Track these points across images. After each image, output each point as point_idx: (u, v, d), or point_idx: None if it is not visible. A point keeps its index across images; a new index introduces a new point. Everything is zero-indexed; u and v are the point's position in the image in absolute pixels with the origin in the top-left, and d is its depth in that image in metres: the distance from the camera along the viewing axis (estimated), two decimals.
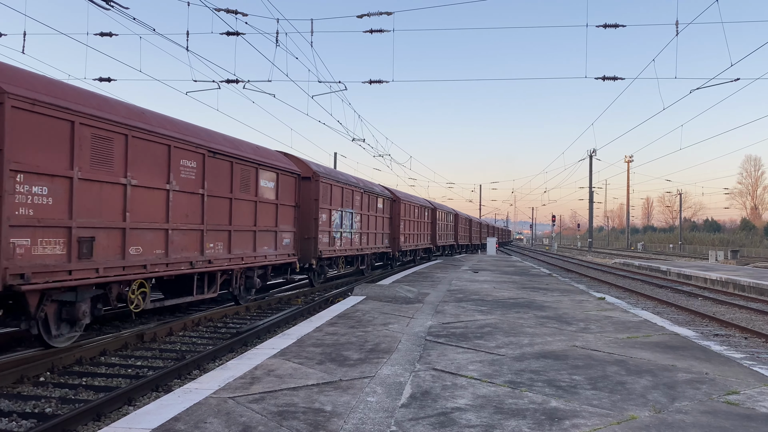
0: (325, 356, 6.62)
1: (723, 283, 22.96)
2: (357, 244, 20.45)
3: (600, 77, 17.60)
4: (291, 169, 15.00)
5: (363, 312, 10.25)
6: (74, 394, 6.75)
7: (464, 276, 19.63)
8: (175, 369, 7.55)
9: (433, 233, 35.60)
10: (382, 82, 18.43)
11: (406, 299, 12.13)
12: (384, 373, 5.91)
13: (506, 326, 8.94)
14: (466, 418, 4.50)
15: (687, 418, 4.59)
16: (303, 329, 8.36)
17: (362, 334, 8.04)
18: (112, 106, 8.97)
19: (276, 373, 5.82)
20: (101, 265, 8.41)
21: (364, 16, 15.29)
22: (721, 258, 52.18)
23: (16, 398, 6.51)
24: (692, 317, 14.81)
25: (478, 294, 13.68)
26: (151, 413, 4.50)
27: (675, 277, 28.02)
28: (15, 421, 5.78)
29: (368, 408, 4.72)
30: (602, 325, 9.22)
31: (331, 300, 14.90)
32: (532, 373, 5.98)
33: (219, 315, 12.18)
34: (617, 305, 12.15)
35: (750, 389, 5.52)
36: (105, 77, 16.68)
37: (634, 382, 5.70)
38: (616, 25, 15.73)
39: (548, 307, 11.46)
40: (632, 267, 36.54)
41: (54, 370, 7.61)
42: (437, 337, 7.91)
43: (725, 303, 17.68)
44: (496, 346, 7.36)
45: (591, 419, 4.52)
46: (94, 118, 8.31)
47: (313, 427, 4.24)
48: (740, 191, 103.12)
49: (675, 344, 7.77)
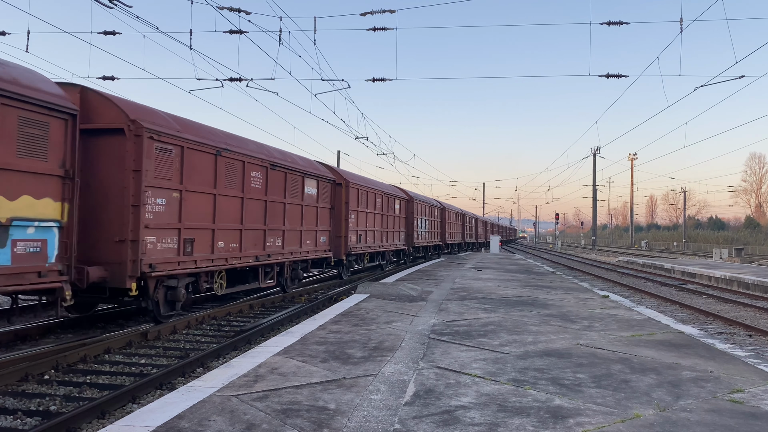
0: (329, 354, 6.62)
1: (727, 281, 22.89)
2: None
3: (604, 75, 17.53)
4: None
5: (366, 310, 10.25)
6: (79, 392, 6.77)
7: (468, 274, 19.61)
8: (179, 367, 7.56)
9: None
10: (386, 80, 18.41)
11: (409, 297, 12.13)
12: (387, 371, 5.91)
13: (510, 324, 8.93)
14: (469, 417, 4.50)
15: (692, 417, 4.57)
16: (306, 327, 8.37)
17: (366, 332, 8.05)
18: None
19: (280, 371, 5.82)
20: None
21: (367, 14, 15.27)
22: (726, 256, 52.03)
23: (21, 396, 6.53)
24: (696, 315, 14.77)
25: (482, 292, 13.67)
26: (155, 411, 4.51)
27: (679, 275, 27.96)
28: (20, 419, 5.80)
29: (372, 406, 4.72)
30: (606, 323, 9.20)
31: (335, 298, 14.90)
32: (536, 372, 5.97)
33: (223, 313, 12.21)
34: (621, 303, 12.12)
35: (755, 387, 5.51)
36: (109, 76, 16.71)
37: (639, 380, 5.68)
38: (620, 22, 15.67)
39: (552, 305, 11.45)
40: (636, 265, 36.46)
41: (58, 369, 7.64)
42: (441, 335, 7.91)
43: (730, 301, 17.62)
44: (500, 344, 7.35)
45: (595, 417, 4.52)
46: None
47: (317, 425, 4.24)
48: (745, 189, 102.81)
49: (679, 342, 7.75)
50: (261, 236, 13.20)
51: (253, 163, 12.74)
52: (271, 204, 13.61)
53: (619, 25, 15.70)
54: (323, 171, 17.43)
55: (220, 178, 11.38)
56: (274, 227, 13.83)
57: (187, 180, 10.39)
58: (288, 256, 14.62)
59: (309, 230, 16.01)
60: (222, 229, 11.49)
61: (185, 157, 10.32)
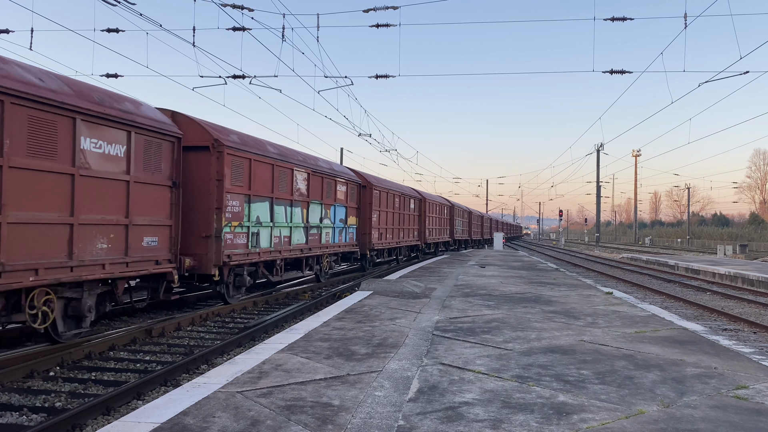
0: (333, 351, 6.63)
1: (732, 277, 22.84)
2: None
3: (608, 71, 17.48)
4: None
5: (370, 307, 10.26)
6: (84, 389, 6.80)
7: (471, 271, 19.61)
8: (184, 364, 7.59)
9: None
10: (389, 77, 18.38)
11: (413, 294, 12.13)
12: (391, 367, 5.92)
13: (513, 321, 8.93)
14: (473, 413, 4.50)
15: (696, 413, 4.57)
16: (310, 324, 8.38)
17: (369, 329, 8.05)
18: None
19: (284, 367, 5.83)
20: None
21: (370, 11, 15.25)
22: (730, 252, 51.87)
23: (27, 392, 6.56)
24: (701, 312, 14.74)
25: (486, 289, 13.66)
26: (159, 407, 4.52)
27: (683, 271, 27.90)
28: (25, 415, 5.84)
29: (376, 402, 4.73)
30: (610, 320, 9.19)
31: (339, 295, 14.92)
32: (540, 368, 5.97)
33: (227, 310, 12.24)
34: (625, 300, 12.10)
35: (759, 384, 5.50)
36: (112, 73, 16.74)
37: (643, 376, 5.68)
38: (624, 18, 15.60)
39: (556, 301, 11.44)
40: (640, 262, 36.39)
41: (64, 365, 7.67)
42: (444, 332, 7.91)
43: (734, 297, 17.58)
44: (504, 341, 7.35)
45: (599, 414, 4.51)
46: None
47: (321, 421, 4.25)
48: (749, 185, 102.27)
49: (683, 339, 7.73)
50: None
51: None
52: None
53: (623, 21, 15.63)
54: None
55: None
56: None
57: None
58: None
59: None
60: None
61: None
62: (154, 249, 9.66)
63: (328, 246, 17.35)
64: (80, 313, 8.25)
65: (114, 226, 8.74)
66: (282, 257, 14.17)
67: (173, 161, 10.17)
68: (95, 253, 8.35)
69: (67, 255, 7.80)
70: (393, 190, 24.09)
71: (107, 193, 8.61)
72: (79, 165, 7.99)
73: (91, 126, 8.24)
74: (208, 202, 11.26)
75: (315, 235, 16.22)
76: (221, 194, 11.33)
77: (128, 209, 9.00)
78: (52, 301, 7.73)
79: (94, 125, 8.30)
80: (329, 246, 17.41)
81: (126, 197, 8.98)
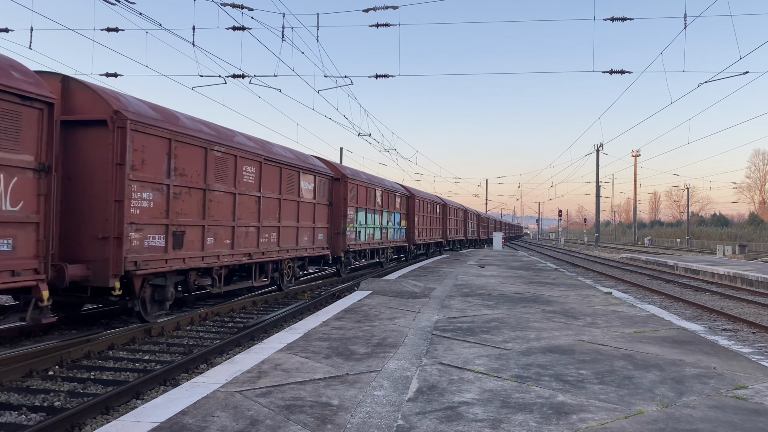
0: (332, 350, 6.63)
1: (731, 277, 22.84)
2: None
3: (607, 71, 17.45)
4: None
5: (369, 306, 10.26)
6: (83, 388, 6.80)
7: (470, 271, 19.61)
8: (183, 363, 7.58)
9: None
10: (388, 77, 18.38)
11: (412, 294, 12.13)
12: (391, 367, 5.91)
13: (513, 321, 8.93)
14: (473, 412, 4.50)
15: (695, 413, 4.57)
16: (309, 324, 8.38)
17: (369, 329, 8.05)
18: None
19: (283, 367, 5.83)
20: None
21: (370, 10, 15.24)
22: (729, 252, 51.89)
23: (26, 392, 6.55)
24: (700, 312, 14.74)
25: (485, 289, 13.66)
26: (159, 407, 4.52)
27: (682, 271, 27.91)
28: (24, 415, 5.83)
29: (375, 402, 4.72)
30: (609, 320, 9.19)
31: (338, 295, 14.92)
32: (539, 368, 5.97)
33: (226, 309, 12.23)
34: (624, 300, 12.11)
35: (758, 384, 5.50)
36: (112, 72, 16.72)
37: (642, 376, 5.68)
38: (623, 18, 15.59)
39: (555, 301, 11.44)
40: (639, 262, 36.40)
41: (63, 364, 7.66)
42: (444, 332, 7.91)
43: (733, 298, 17.58)
44: (503, 341, 7.35)
45: (598, 413, 4.51)
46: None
47: (321, 421, 4.25)
48: (748, 185, 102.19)
49: (682, 339, 7.74)
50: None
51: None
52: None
53: (623, 21, 15.62)
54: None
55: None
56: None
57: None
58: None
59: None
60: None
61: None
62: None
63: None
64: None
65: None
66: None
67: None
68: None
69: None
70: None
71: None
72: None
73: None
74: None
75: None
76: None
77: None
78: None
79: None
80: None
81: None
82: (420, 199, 29.55)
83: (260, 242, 12.97)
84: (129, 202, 8.90)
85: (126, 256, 8.77)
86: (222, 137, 11.61)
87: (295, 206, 14.90)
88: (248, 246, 12.50)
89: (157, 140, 9.58)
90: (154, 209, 9.53)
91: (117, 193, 8.75)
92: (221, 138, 11.55)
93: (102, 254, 8.67)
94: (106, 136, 8.77)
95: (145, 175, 9.28)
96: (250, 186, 12.57)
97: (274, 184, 13.66)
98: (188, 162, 10.42)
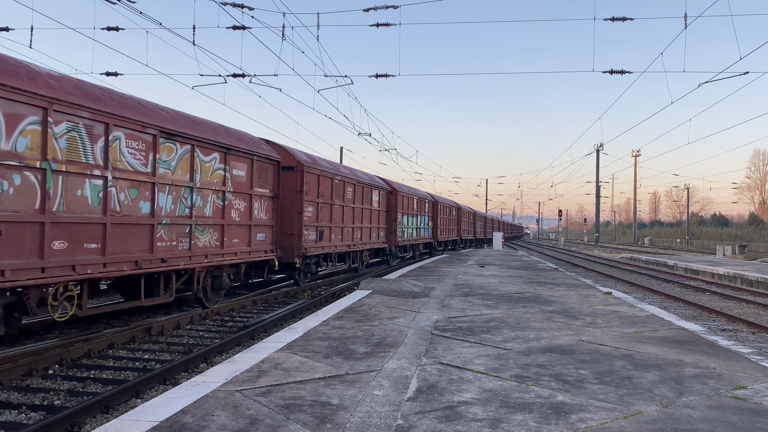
0: (332, 350, 6.63)
1: (731, 278, 22.85)
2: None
3: (608, 71, 17.47)
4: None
5: (369, 306, 10.27)
6: (83, 387, 6.80)
7: (470, 270, 19.61)
8: (183, 362, 7.59)
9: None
10: (389, 76, 18.39)
11: (412, 293, 12.13)
12: (390, 366, 5.92)
13: (513, 321, 8.93)
14: (472, 412, 4.51)
15: (694, 413, 4.57)
16: (309, 323, 8.38)
17: (368, 328, 8.06)
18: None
19: (283, 366, 5.84)
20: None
21: (370, 10, 15.24)
22: (729, 253, 51.89)
23: (26, 391, 6.56)
24: (700, 312, 14.75)
25: (485, 288, 13.67)
26: (158, 406, 4.53)
27: (682, 271, 27.91)
28: (24, 414, 5.83)
29: (375, 401, 4.73)
30: (609, 320, 9.20)
31: (338, 294, 14.94)
32: (539, 368, 5.97)
33: (226, 309, 12.23)
34: (624, 300, 12.11)
35: (758, 384, 5.50)
36: (112, 71, 16.73)
37: (641, 376, 5.68)
38: (624, 18, 15.59)
39: (555, 301, 11.44)
40: (639, 262, 36.40)
41: (62, 363, 7.67)
42: (443, 332, 7.92)
43: (733, 298, 17.59)
44: (503, 341, 7.36)
45: (598, 413, 4.52)
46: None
47: (320, 420, 4.25)
48: (748, 186, 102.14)
49: (682, 339, 7.74)
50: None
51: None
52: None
53: (623, 21, 15.62)
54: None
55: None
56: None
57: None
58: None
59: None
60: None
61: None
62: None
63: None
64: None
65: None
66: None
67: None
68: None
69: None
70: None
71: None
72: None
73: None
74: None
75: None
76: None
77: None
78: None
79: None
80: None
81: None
82: (442, 204, 35.92)
83: (354, 237, 19.60)
84: (303, 213, 15.23)
85: (302, 245, 15.16)
86: (336, 169, 18.13)
87: (369, 213, 21.51)
88: (348, 240, 18.98)
89: (312, 176, 15.98)
90: (312, 217, 15.84)
91: (298, 207, 15.23)
92: (336, 170, 18.10)
93: (290, 243, 14.96)
94: (294, 175, 15.21)
95: (309, 198, 15.66)
96: (349, 200, 19.04)
97: (359, 198, 20.05)
98: (324, 187, 16.91)
